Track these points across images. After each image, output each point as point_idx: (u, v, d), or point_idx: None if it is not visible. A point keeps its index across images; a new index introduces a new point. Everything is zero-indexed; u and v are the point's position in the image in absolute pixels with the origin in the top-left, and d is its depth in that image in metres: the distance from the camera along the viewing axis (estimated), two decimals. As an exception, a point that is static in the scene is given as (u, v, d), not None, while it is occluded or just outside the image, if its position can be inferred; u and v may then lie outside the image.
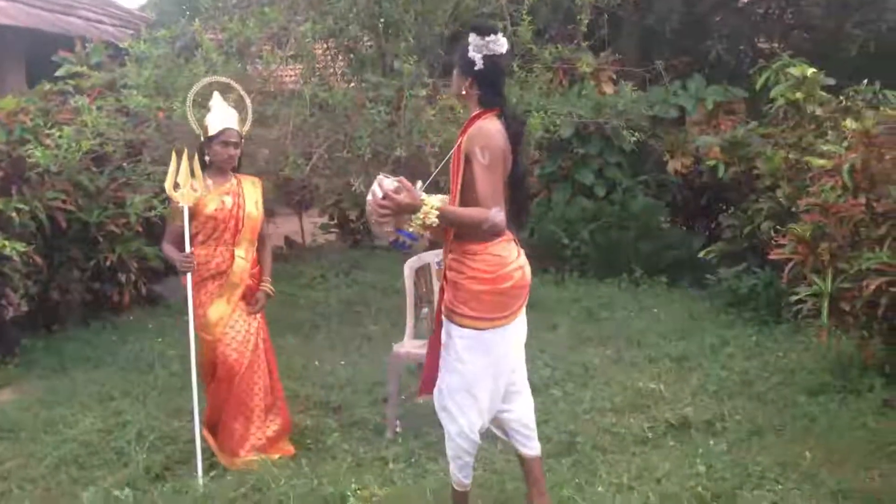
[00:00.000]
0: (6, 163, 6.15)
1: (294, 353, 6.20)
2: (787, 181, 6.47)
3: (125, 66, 6.41)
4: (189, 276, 4.20)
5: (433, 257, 5.12)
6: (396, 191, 3.09)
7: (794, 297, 5.06)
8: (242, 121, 4.44)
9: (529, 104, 6.29)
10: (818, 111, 6.58)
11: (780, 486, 3.87)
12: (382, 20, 6.17)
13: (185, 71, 5.94)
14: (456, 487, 3.54)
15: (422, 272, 5.23)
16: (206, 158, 4.33)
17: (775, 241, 5.38)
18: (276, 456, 4.36)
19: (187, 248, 4.21)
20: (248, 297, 4.39)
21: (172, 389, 5.47)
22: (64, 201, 6.33)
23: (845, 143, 5.23)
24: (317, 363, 5.94)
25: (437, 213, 3.13)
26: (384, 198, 3.08)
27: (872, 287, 4.50)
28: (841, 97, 6.58)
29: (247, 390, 4.36)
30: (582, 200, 8.54)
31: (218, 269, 4.30)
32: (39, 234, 6.27)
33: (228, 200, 4.34)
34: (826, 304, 4.77)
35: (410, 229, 3.19)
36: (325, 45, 6.63)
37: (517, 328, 3.38)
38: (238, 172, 4.47)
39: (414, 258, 5.26)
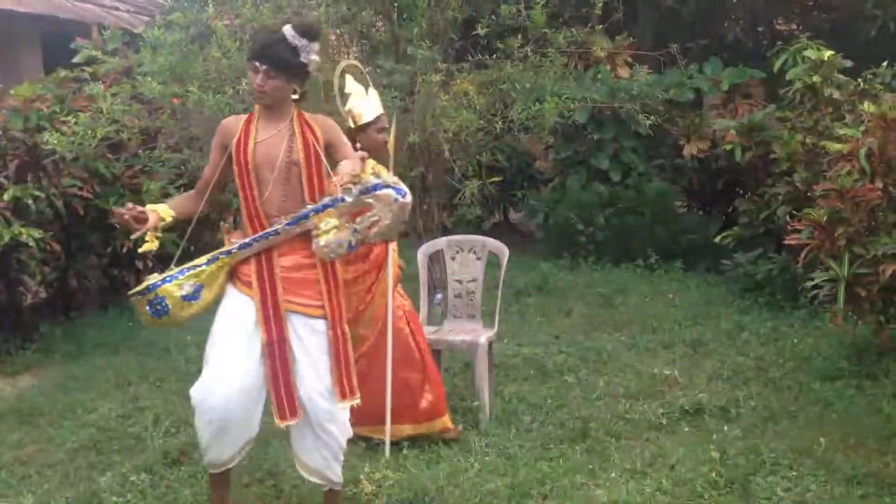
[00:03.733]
0: (23, 150, 6.20)
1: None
2: (804, 165, 6.41)
3: (140, 52, 6.43)
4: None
5: (445, 243, 5.13)
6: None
7: (811, 283, 5.03)
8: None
9: (544, 89, 6.26)
10: (836, 94, 6.49)
11: (794, 473, 3.85)
12: (396, 5, 6.16)
13: (199, 57, 5.95)
14: (336, 488, 3.48)
15: (435, 258, 5.24)
16: (357, 146, 4.18)
17: (791, 226, 5.34)
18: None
19: None
20: None
21: (189, 374, 5.49)
22: (80, 188, 6.37)
23: (863, 127, 5.16)
24: (331, 349, 5.96)
25: None
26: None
27: (889, 272, 4.46)
28: (859, 80, 6.50)
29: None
30: (597, 185, 8.50)
31: (377, 262, 4.28)
32: (56, 221, 6.32)
33: None
34: (842, 289, 4.72)
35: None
36: (338, 31, 6.61)
37: None
38: None
39: (428, 244, 5.27)
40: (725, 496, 3.68)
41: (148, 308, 3.23)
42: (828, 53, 6.59)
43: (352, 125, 4.25)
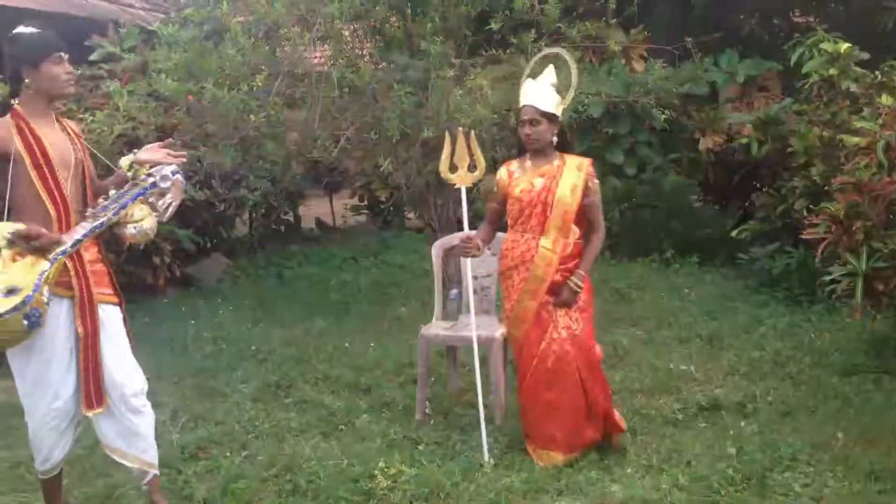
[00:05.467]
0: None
1: (325, 336, 6.26)
2: (821, 159, 6.36)
3: (155, 49, 6.45)
4: (469, 260, 4.15)
5: (460, 239, 5.11)
6: None
7: (828, 277, 5.00)
8: (560, 97, 4.09)
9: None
10: (853, 87, 6.44)
11: (811, 468, 3.84)
12: (409, 1, 6.14)
13: (214, 54, 5.96)
14: (155, 471, 3.56)
15: (450, 253, 5.23)
16: None
17: (809, 220, 5.30)
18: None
19: (465, 230, 4.15)
20: (558, 292, 4.05)
21: (205, 371, 5.55)
22: (97, 185, 6.40)
23: (880, 120, 5.12)
24: (347, 345, 5.98)
25: None
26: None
27: (908, 266, 4.44)
28: (876, 72, 6.44)
29: (548, 387, 4.04)
30: (612, 180, 8.47)
31: (522, 259, 4.05)
32: (74, 218, 6.35)
33: (539, 183, 4.04)
34: (860, 283, 4.70)
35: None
36: (352, 27, 6.61)
37: None
38: (566, 152, 4.15)
39: (443, 239, 5.27)
40: (742, 492, 3.66)
41: (25, 322, 3.08)
42: (845, 46, 6.54)
43: None
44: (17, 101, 3.27)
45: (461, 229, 4.48)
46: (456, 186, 4.22)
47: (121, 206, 3.34)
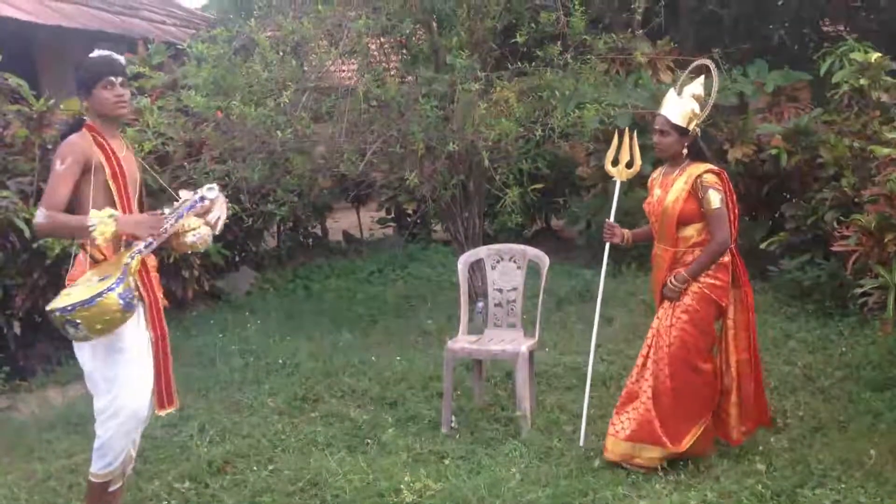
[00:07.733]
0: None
1: (351, 349, 6.27)
2: (852, 170, 6.29)
3: (185, 66, 6.54)
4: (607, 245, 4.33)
5: (486, 252, 5.12)
6: None
7: (860, 290, 4.93)
8: (699, 110, 4.15)
9: (584, 95, 6.23)
10: (884, 97, 6.37)
11: (842, 485, 3.78)
12: (435, 15, 6.18)
13: (242, 70, 6.03)
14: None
15: (476, 267, 5.24)
16: None
17: (839, 231, 5.24)
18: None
19: (611, 218, 4.38)
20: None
21: (233, 384, 5.59)
22: (127, 200, 6.47)
23: (912, 131, 5.07)
24: (373, 358, 5.99)
25: None
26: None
27: (941, 279, 4.37)
28: (908, 82, 6.38)
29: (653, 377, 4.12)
30: (640, 191, 8.40)
31: (654, 260, 4.26)
32: (104, 233, 6.42)
33: (657, 192, 4.20)
34: (892, 296, 4.62)
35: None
36: (379, 42, 6.66)
37: None
38: (698, 161, 4.16)
39: (468, 253, 5.27)
40: (772, 509, 3.62)
41: (121, 302, 3.23)
42: (875, 55, 6.48)
43: None
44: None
45: (486, 242, 4.49)
46: (613, 179, 4.45)
47: (178, 216, 3.46)
